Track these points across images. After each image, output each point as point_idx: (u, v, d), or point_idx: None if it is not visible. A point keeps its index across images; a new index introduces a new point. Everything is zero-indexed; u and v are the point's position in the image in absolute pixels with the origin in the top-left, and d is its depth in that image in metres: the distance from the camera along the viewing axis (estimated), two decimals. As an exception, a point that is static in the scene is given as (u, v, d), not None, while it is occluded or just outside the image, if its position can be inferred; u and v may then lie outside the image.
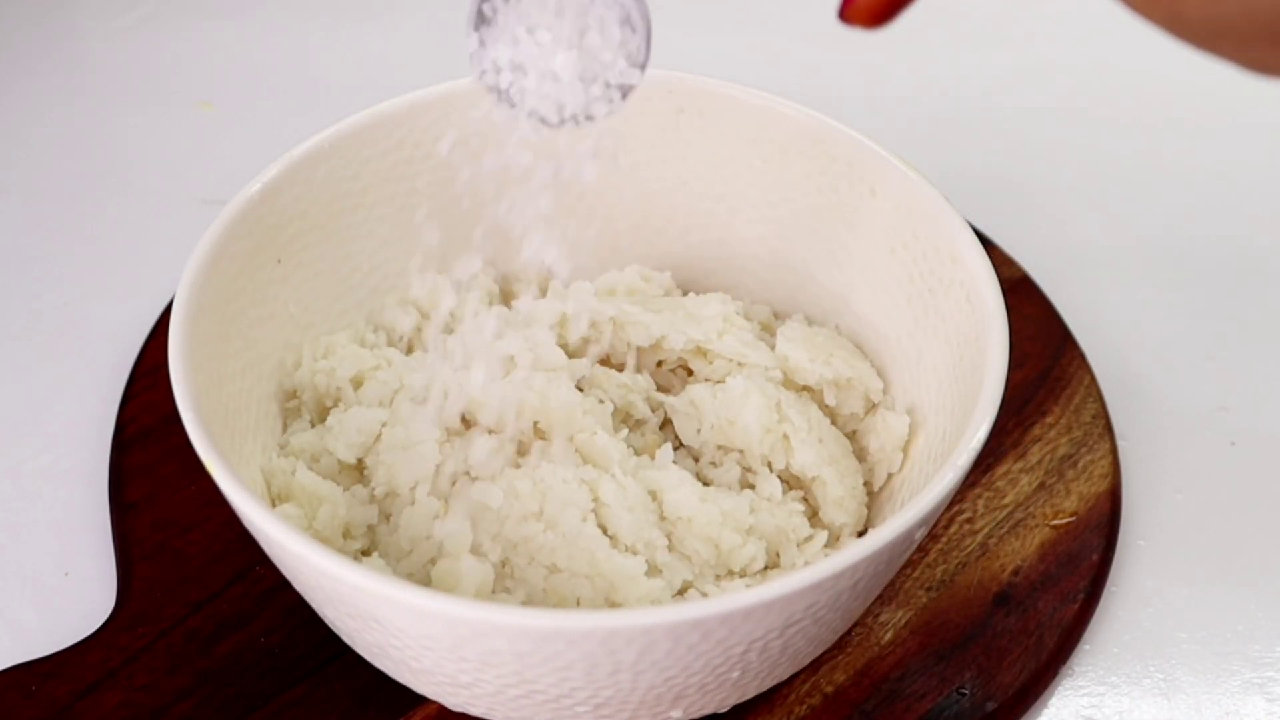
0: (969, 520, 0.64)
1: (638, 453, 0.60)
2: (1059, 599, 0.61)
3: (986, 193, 0.83)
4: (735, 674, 0.50)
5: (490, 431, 0.59)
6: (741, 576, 0.58)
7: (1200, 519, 0.67)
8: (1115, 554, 0.64)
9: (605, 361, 0.64)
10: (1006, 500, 0.65)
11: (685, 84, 0.65)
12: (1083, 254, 0.81)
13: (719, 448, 0.61)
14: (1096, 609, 0.62)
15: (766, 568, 0.59)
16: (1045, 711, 0.59)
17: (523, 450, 0.59)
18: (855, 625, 0.59)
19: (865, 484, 0.62)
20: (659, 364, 0.65)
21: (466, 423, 0.60)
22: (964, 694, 0.58)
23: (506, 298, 0.70)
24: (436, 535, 0.56)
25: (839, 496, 0.59)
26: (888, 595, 0.61)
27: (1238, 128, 0.90)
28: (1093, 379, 0.70)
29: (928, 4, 1.03)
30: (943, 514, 0.63)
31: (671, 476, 0.58)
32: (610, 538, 0.56)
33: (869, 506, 0.61)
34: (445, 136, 0.65)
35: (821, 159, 0.63)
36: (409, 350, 0.67)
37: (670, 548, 0.57)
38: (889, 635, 0.60)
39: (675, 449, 0.62)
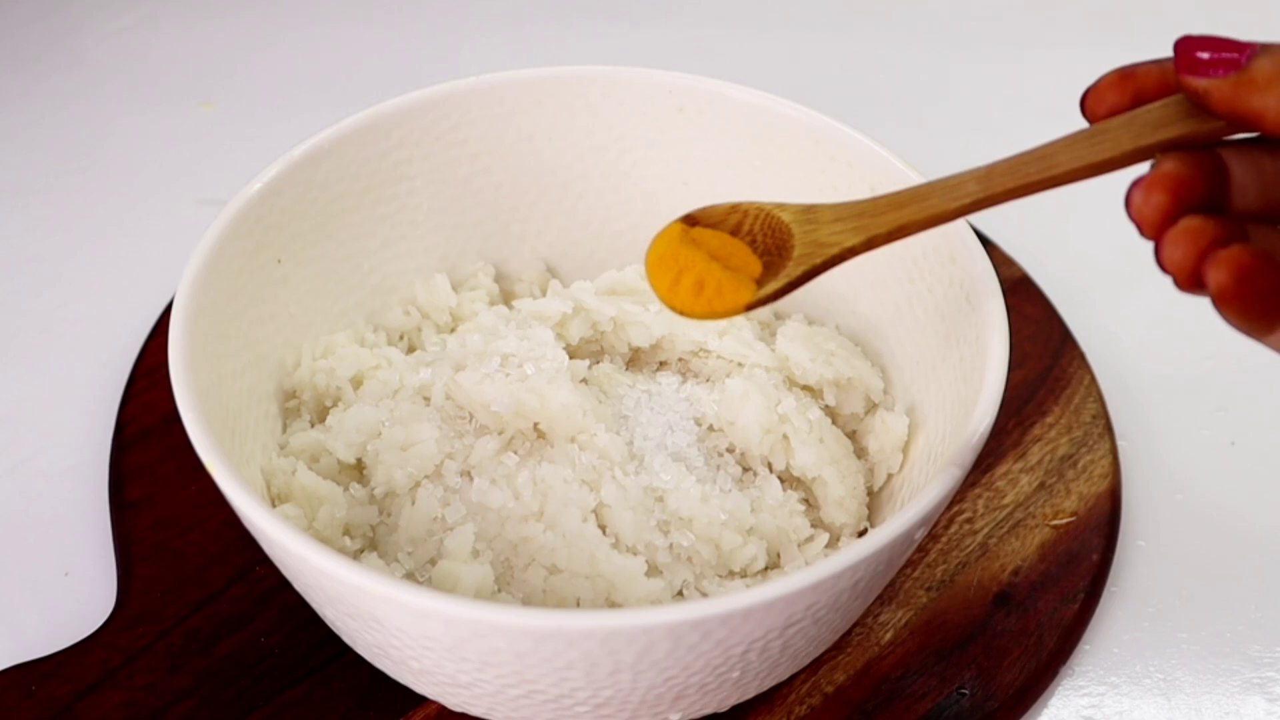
0: (969, 520, 0.64)
1: (636, 456, 0.60)
2: (1059, 599, 0.61)
3: (986, 193, 0.83)
4: (735, 674, 0.50)
5: (490, 432, 0.59)
6: (742, 577, 0.58)
7: (1200, 519, 0.67)
8: (1115, 554, 0.64)
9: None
10: (1006, 500, 0.65)
11: (685, 84, 0.65)
12: (1083, 254, 0.81)
13: (719, 448, 0.61)
14: (1096, 609, 0.62)
15: (767, 568, 0.59)
16: (1045, 711, 0.59)
17: (523, 450, 0.59)
18: (855, 625, 0.59)
19: (865, 484, 0.62)
20: (660, 364, 0.65)
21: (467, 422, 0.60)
22: (964, 694, 0.58)
23: (506, 298, 0.70)
24: (436, 535, 0.56)
25: (839, 497, 0.59)
26: (888, 595, 0.61)
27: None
28: (1093, 379, 0.70)
29: (929, 4, 1.03)
30: (943, 514, 0.63)
31: (672, 477, 0.58)
32: (611, 538, 0.56)
33: (869, 506, 0.61)
34: (445, 136, 0.65)
35: (821, 159, 0.63)
36: (409, 350, 0.67)
37: (670, 548, 0.57)
38: (889, 635, 0.60)
39: (675, 449, 0.62)
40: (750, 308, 0.50)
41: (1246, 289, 0.41)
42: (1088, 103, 0.47)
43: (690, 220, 0.51)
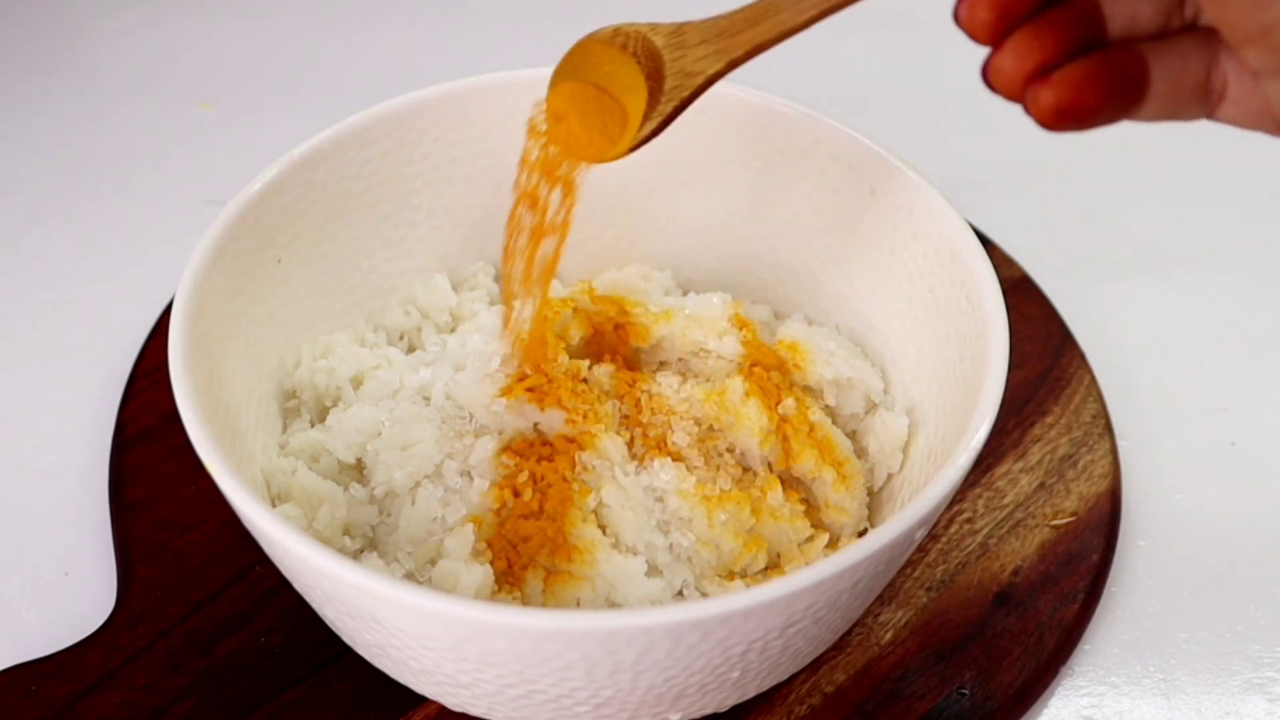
0: (969, 520, 0.64)
1: (636, 456, 0.60)
2: (1059, 599, 0.61)
3: (986, 193, 0.83)
4: (735, 674, 0.50)
5: (490, 432, 0.59)
6: (742, 577, 0.58)
7: (1200, 519, 0.67)
8: (1115, 554, 0.64)
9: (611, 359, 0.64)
10: (1006, 500, 0.65)
11: (685, 84, 0.65)
12: (1083, 254, 0.81)
13: (719, 448, 0.61)
14: (1096, 609, 0.62)
15: (767, 568, 0.59)
16: (1045, 711, 0.59)
17: (524, 450, 0.59)
18: (855, 625, 0.59)
19: (865, 484, 0.62)
20: (660, 364, 0.65)
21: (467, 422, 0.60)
22: (964, 694, 0.58)
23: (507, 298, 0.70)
24: (436, 535, 0.56)
25: (839, 497, 0.59)
26: (888, 595, 0.61)
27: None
28: (1093, 379, 0.70)
29: (929, 4, 1.03)
30: (943, 514, 0.63)
31: (672, 477, 0.58)
32: (610, 538, 0.56)
33: (869, 506, 0.61)
34: (445, 136, 0.65)
35: (821, 159, 0.63)
36: (409, 350, 0.67)
37: (670, 548, 0.57)
38: (889, 635, 0.60)
39: (675, 449, 0.62)
40: (630, 151, 0.52)
41: (1069, 118, 0.42)
42: None
43: (591, 39, 0.53)
